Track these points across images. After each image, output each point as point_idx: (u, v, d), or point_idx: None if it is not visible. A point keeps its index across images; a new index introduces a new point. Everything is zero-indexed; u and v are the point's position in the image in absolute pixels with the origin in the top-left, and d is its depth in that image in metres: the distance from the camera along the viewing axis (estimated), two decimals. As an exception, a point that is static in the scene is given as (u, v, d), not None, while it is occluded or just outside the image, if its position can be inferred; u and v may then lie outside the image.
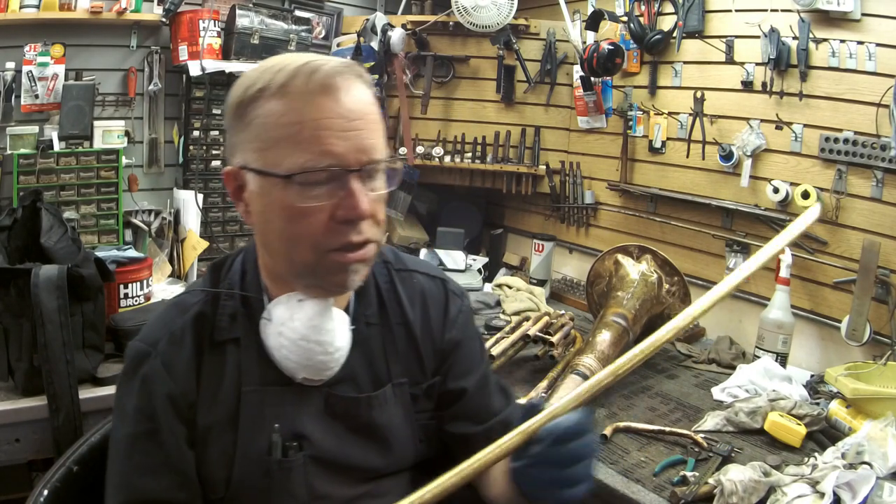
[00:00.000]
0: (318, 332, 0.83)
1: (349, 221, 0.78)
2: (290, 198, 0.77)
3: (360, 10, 2.59)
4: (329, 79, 0.77)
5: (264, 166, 0.78)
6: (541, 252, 2.31)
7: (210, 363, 0.86)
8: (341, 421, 0.90)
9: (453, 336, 1.01)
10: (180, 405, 0.84)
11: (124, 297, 1.70)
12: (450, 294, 1.03)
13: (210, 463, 0.85)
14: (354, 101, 0.78)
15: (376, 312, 0.96)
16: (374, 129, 0.80)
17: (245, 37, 2.14)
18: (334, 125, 0.76)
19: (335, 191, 0.77)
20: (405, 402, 0.95)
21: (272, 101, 0.77)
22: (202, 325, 0.87)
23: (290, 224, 0.78)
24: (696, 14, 1.95)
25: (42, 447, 1.38)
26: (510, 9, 2.20)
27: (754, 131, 1.84)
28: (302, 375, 0.86)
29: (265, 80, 0.78)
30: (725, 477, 1.06)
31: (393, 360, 0.95)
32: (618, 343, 1.51)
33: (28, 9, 1.90)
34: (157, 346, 0.85)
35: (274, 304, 0.86)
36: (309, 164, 0.76)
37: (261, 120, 0.78)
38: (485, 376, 1.04)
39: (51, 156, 1.97)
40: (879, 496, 1.02)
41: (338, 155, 0.76)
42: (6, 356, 1.40)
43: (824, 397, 1.45)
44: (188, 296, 0.92)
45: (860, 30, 1.62)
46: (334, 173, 0.77)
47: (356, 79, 0.80)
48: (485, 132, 2.42)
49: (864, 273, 1.58)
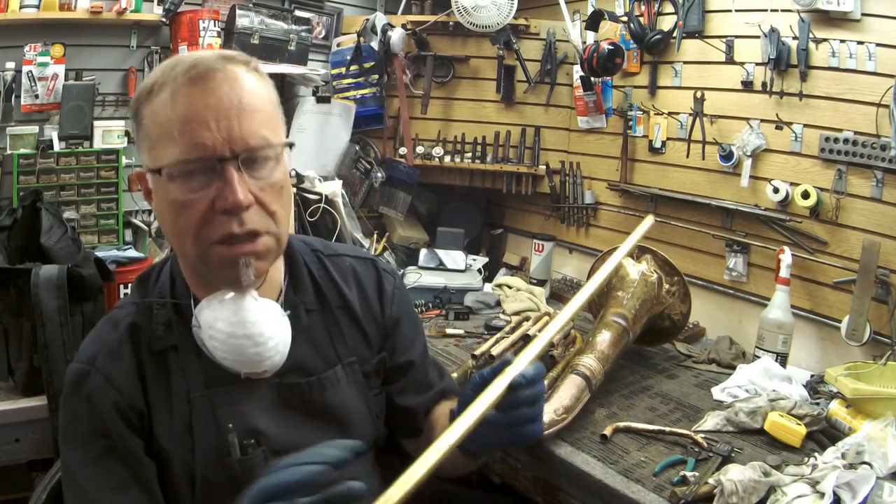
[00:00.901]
0: (242, 326, 0.83)
1: (228, 211, 0.78)
2: (172, 192, 0.79)
3: (360, 10, 2.59)
4: (201, 71, 0.78)
5: (152, 165, 0.80)
6: (541, 252, 2.31)
7: (153, 373, 0.86)
8: (296, 410, 0.91)
9: (393, 312, 1.05)
10: (129, 415, 0.84)
11: (124, 297, 1.70)
12: (382, 273, 1.07)
13: (173, 473, 0.85)
14: (227, 90, 0.78)
15: (314, 299, 0.98)
16: (252, 118, 0.79)
17: (245, 37, 2.14)
18: (204, 116, 0.77)
19: (212, 181, 0.78)
20: (358, 380, 0.98)
21: (154, 100, 0.80)
22: (137, 335, 0.87)
23: (176, 218, 0.80)
24: (696, 14, 1.94)
25: (42, 447, 1.39)
26: (510, 9, 2.20)
27: (754, 131, 1.84)
28: (244, 371, 0.87)
29: (151, 81, 0.81)
30: (725, 477, 1.06)
31: (339, 343, 0.97)
32: (618, 343, 1.51)
33: (28, 9, 1.90)
34: (94, 363, 0.85)
35: (199, 310, 0.86)
36: (181, 157, 0.77)
37: (147, 120, 0.81)
38: (425, 349, 1.10)
39: (51, 156, 1.97)
40: (879, 496, 1.02)
41: (208, 146, 0.77)
42: (6, 356, 1.40)
43: (824, 397, 1.45)
44: (118, 311, 0.91)
45: (860, 30, 1.62)
46: (208, 163, 0.77)
47: (235, 68, 0.80)
48: (485, 132, 2.42)
49: (864, 273, 1.58)
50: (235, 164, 0.78)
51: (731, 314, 1.96)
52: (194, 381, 0.87)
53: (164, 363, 0.87)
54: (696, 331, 1.96)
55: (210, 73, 0.78)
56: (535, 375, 0.86)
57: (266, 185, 0.81)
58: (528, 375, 0.85)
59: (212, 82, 0.78)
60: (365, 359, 1.00)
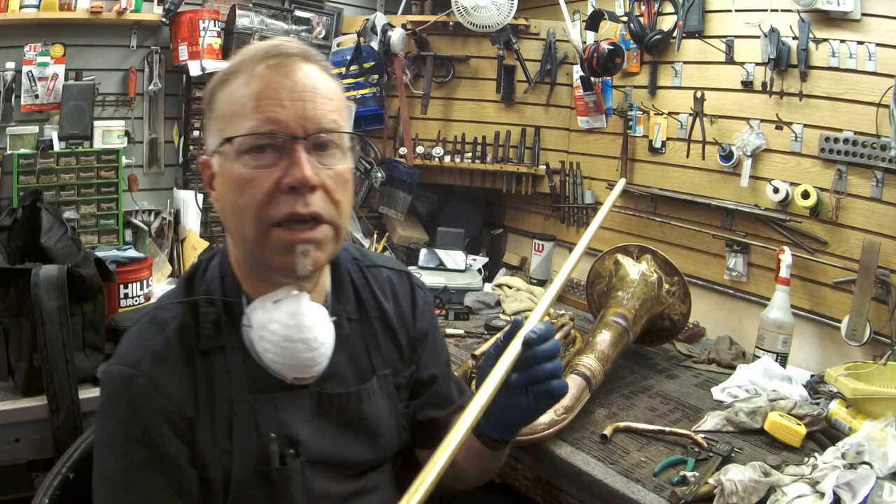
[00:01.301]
0: (298, 330, 0.83)
1: (293, 189, 0.77)
2: (237, 168, 0.78)
3: (360, 10, 2.59)
4: (279, 55, 0.80)
5: (222, 138, 0.80)
6: (541, 252, 2.31)
7: (201, 376, 0.83)
8: (332, 418, 0.90)
9: (423, 327, 1.05)
10: (177, 423, 0.80)
11: (124, 297, 1.70)
12: (415, 287, 1.07)
13: (210, 478, 0.83)
14: (304, 76, 0.80)
15: (354, 308, 0.97)
16: (325, 103, 0.81)
17: (245, 37, 2.14)
18: (279, 94, 0.78)
19: (280, 159, 0.78)
20: (390, 392, 0.98)
21: (230, 84, 0.81)
22: (187, 337, 0.84)
23: (238, 195, 0.79)
24: (696, 14, 1.95)
25: (42, 447, 1.38)
26: (510, 9, 2.20)
27: (754, 131, 1.84)
28: (292, 375, 0.85)
29: (229, 67, 0.83)
30: (725, 477, 1.06)
31: (375, 353, 0.97)
32: (618, 343, 1.51)
33: (28, 9, 1.90)
34: (139, 367, 0.80)
35: (251, 309, 0.85)
36: (251, 130, 0.77)
37: (220, 102, 0.82)
38: (448, 365, 1.10)
39: (51, 156, 1.97)
40: (879, 496, 1.02)
41: (281, 122, 0.77)
42: (6, 356, 1.39)
43: (824, 397, 1.45)
44: (162, 311, 0.87)
45: (860, 30, 1.62)
46: (279, 141, 0.77)
47: (311, 62, 0.83)
48: (485, 132, 2.42)
49: (864, 273, 1.58)
50: (306, 144, 0.78)
51: (731, 314, 1.96)
52: (238, 386, 0.84)
53: (210, 364, 0.84)
54: (696, 331, 1.96)
55: (287, 57, 0.80)
56: (546, 330, 0.86)
57: (333, 174, 0.81)
58: (539, 331, 0.85)
59: (288, 67, 0.80)
60: (398, 371, 1.00)
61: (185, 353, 0.83)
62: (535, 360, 0.85)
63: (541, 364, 0.86)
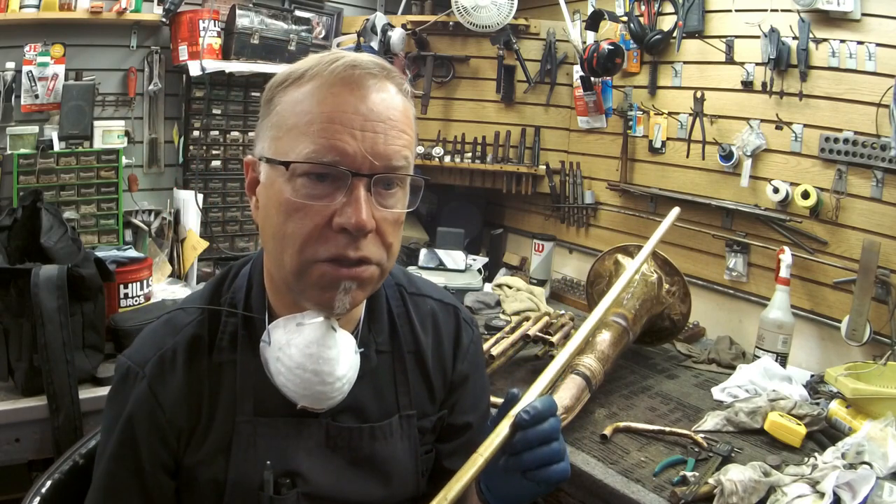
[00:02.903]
0: (314, 360, 0.76)
1: (345, 231, 0.70)
2: (288, 192, 0.71)
3: (360, 10, 2.59)
4: (355, 73, 0.71)
5: (274, 155, 0.73)
6: (541, 252, 2.31)
7: (204, 388, 0.80)
8: (341, 454, 0.84)
9: (464, 369, 0.96)
10: (166, 433, 0.79)
11: (124, 297, 1.70)
12: (462, 323, 0.98)
13: (198, 489, 0.81)
14: (380, 101, 0.71)
15: (387, 339, 0.90)
16: (399, 137, 0.72)
17: (245, 37, 2.14)
18: (349, 121, 0.70)
19: (337, 193, 0.70)
20: (412, 435, 0.89)
21: (296, 89, 0.73)
22: (196, 348, 0.81)
23: (284, 221, 0.72)
24: (696, 14, 1.95)
25: (42, 447, 1.38)
26: (510, 9, 2.20)
27: (754, 131, 1.84)
28: (302, 404, 0.80)
29: (298, 69, 0.74)
30: (725, 477, 1.06)
31: (402, 391, 0.89)
32: (618, 343, 1.51)
33: (28, 9, 1.90)
34: (144, 368, 0.79)
35: (273, 327, 0.79)
36: (312, 156, 0.69)
37: (281, 107, 0.74)
38: (487, 412, 1.01)
39: (51, 156, 1.97)
40: (879, 496, 1.02)
41: (348, 154, 0.69)
42: (6, 356, 1.39)
43: (824, 397, 1.45)
44: (182, 313, 0.84)
45: (860, 30, 1.62)
46: (339, 173, 0.70)
47: (388, 82, 0.74)
48: (485, 132, 2.42)
49: (864, 273, 1.58)
50: (368, 183, 0.70)
51: (731, 314, 1.96)
52: (243, 404, 0.80)
53: (219, 377, 0.81)
54: (696, 331, 1.96)
55: (365, 78, 0.72)
56: (543, 409, 0.75)
57: (390, 216, 0.74)
58: (531, 412, 0.74)
59: (365, 89, 0.71)
60: (425, 413, 0.91)
61: (193, 362, 0.80)
62: (527, 445, 0.75)
63: (534, 449, 0.75)
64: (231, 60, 2.15)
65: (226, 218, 2.28)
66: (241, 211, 2.30)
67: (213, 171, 2.24)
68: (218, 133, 2.23)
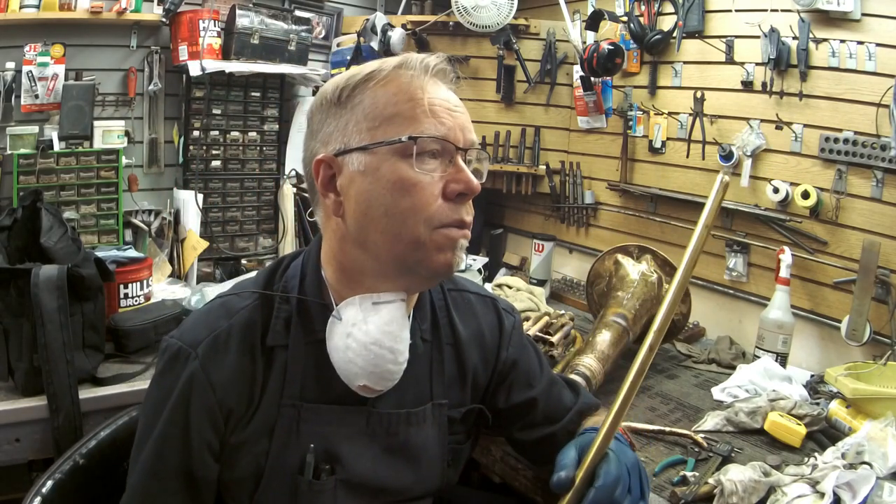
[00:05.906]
0: (392, 338, 0.81)
1: (462, 196, 0.80)
2: (403, 169, 0.78)
3: (360, 10, 2.59)
4: (440, 67, 0.84)
5: (382, 138, 0.80)
6: (541, 252, 2.31)
7: (255, 371, 0.83)
8: (379, 441, 0.88)
9: (510, 355, 1.02)
10: (216, 414, 0.81)
11: (124, 297, 1.70)
12: (502, 312, 1.04)
13: (239, 469, 0.83)
14: (456, 92, 0.86)
15: (429, 329, 0.94)
16: (469, 120, 0.85)
17: (245, 37, 2.14)
18: (444, 104, 0.82)
19: (445, 166, 0.80)
20: (441, 423, 0.93)
21: (384, 85, 0.82)
22: (250, 332, 0.84)
23: (402, 197, 0.78)
24: (696, 14, 1.95)
25: (42, 447, 1.38)
26: (510, 9, 2.20)
27: (754, 131, 1.84)
28: (362, 382, 0.82)
29: (372, 69, 0.83)
30: (725, 477, 1.06)
31: (438, 380, 0.93)
32: (618, 343, 1.51)
33: (28, 9, 1.90)
34: (196, 349, 0.81)
35: (345, 305, 0.83)
36: (433, 133, 0.79)
37: (370, 101, 0.81)
38: (550, 379, 1.06)
39: (51, 156, 1.97)
40: (879, 496, 1.02)
41: (450, 133, 0.80)
42: (6, 356, 1.39)
43: (824, 397, 1.45)
44: (236, 298, 0.87)
45: (860, 30, 1.62)
46: (446, 147, 0.80)
47: (454, 77, 0.87)
48: (485, 132, 2.42)
49: (864, 273, 1.58)
50: (464, 155, 0.82)
51: (731, 314, 1.96)
52: (291, 388, 0.83)
53: (269, 361, 0.84)
54: (696, 331, 1.96)
55: (446, 73, 0.85)
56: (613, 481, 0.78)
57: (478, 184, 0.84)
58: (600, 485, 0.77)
59: (447, 82, 0.86)
60: (456, 403, 0.95)
61: (246, 345, 0.83)
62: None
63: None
64: (231, 60, 2.15)
65: (226, 218, 2.29)
66: (240, 211, 2.30)
67: (213, 171, 2.24)
68: (218, 133, 2.23)
